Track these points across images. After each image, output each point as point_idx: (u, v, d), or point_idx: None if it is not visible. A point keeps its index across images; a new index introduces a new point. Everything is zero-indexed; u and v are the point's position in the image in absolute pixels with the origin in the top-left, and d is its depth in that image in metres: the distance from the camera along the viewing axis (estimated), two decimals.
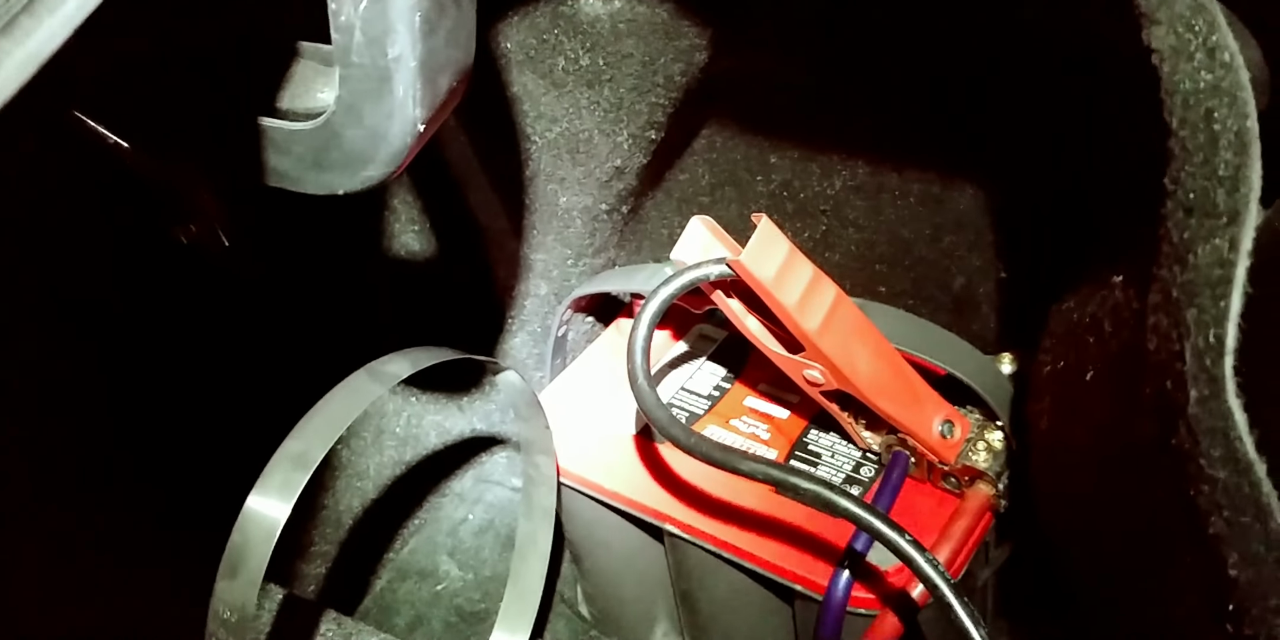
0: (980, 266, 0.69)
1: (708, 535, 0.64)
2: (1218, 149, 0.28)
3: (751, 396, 0.71)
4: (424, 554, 0.80)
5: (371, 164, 0.38)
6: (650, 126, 0.66)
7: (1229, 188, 0.28)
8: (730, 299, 0.57)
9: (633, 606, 0.77)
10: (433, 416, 0.83)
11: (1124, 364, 0.34)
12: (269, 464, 0.46)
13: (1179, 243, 0.29)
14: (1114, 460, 0.39)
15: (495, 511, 0.83)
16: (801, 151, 0.70)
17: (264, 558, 0.44)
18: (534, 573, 0.65)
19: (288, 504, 0.45)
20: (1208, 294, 0.27)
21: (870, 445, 0.65)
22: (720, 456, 0.52)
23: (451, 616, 0.76)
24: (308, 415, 0.48)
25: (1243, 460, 0.28)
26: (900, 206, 0.70)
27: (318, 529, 0.78)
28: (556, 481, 0.66)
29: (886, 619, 0.59)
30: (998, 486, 0.61)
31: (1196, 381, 0.28)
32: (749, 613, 0.69)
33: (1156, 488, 0.34)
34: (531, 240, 0.73)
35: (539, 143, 0.66)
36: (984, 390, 0.60)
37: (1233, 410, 0.27)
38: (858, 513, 0.49)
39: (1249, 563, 0.30)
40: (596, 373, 0.75)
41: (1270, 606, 0.30)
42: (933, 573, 0.47)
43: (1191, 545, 0.32)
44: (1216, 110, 0.28)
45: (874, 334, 0.59)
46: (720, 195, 0.76)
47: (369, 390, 0.49)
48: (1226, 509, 0.29)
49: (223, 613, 0.44)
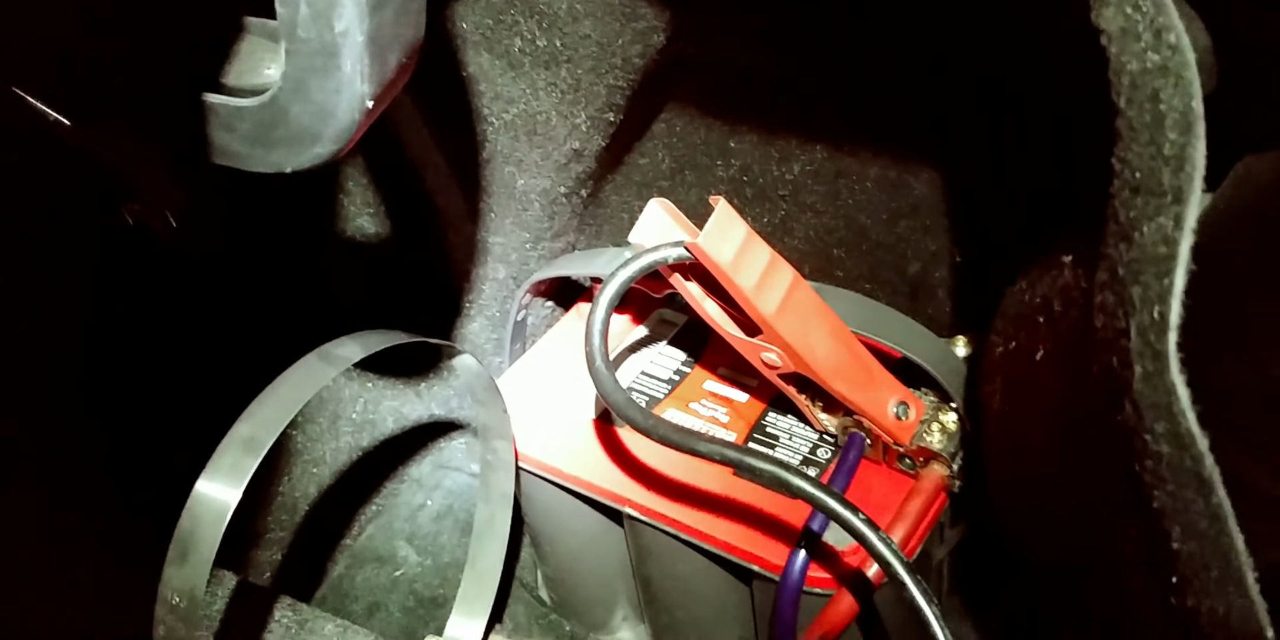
0: (935, 251, 0.69)
1: (667, 518, 0.64)
2: (1163, 128, 0.28)
3: (711, 380, 0.71)
4: (382, 540, 0.80)
5: (319, 141, 0.37)
6: (609, 108, 0.65)
7: (1174, 167, 0.28)
8: (689, 282, 0.57)
9: (592, 591, 0.77)
10: (390, 402, 0.83)
11: (1072, 343, 0.35)
12: (219, 448, 0.46)
13: (1125, 221, 0.29)
14: (1063, 438, 0.39)
15: (454, 497, 0.82)
16: (760, 136, 0.70)
17: (213, 543, 0.44)
18: (492, 557, 0.65)
19: (238, 488, 0.44)
20: (1152, 272, 0.28)
21: (827, 427, 0.66)
22: (678, 438, 0.53)
23: (409, 602, 0.76)
24: (258, 399, 0.47)
25: (1185, 435, 0.28)
26: (857, 191, 0.70)
27: (273, 516, 0.77)
28: (515, 466, 0.66)
29: (842, 599, 0.59)
30: (952, 467, 0.62)
31: (1141, 358, 0.28)
32: (708, 595, 0.69)
33: (1103, 464, 0.34)
34: (489, 223, 0.72)
35: (496, 124, 0.65)
36: (938, 373, 0.61)
37: (1176, 386, 0.28)
38: (813, 492, 0.49)
39: (1191, 536, 0.30)
40: (555, 357, 0.74)
41: (1212, 578, 0.31)
42: (886, 551, 0.48)
43: (1137, 520, 0.32)
44: (1162, 90, 0.29)
45: (831, 317, 0.60)
46: (680, 180, 0.76)
47: (321, 373, 0.48)
48: (1170, 483, 0.29)
49: (171, 598, 0.44)
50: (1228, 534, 0.30)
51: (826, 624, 0.60)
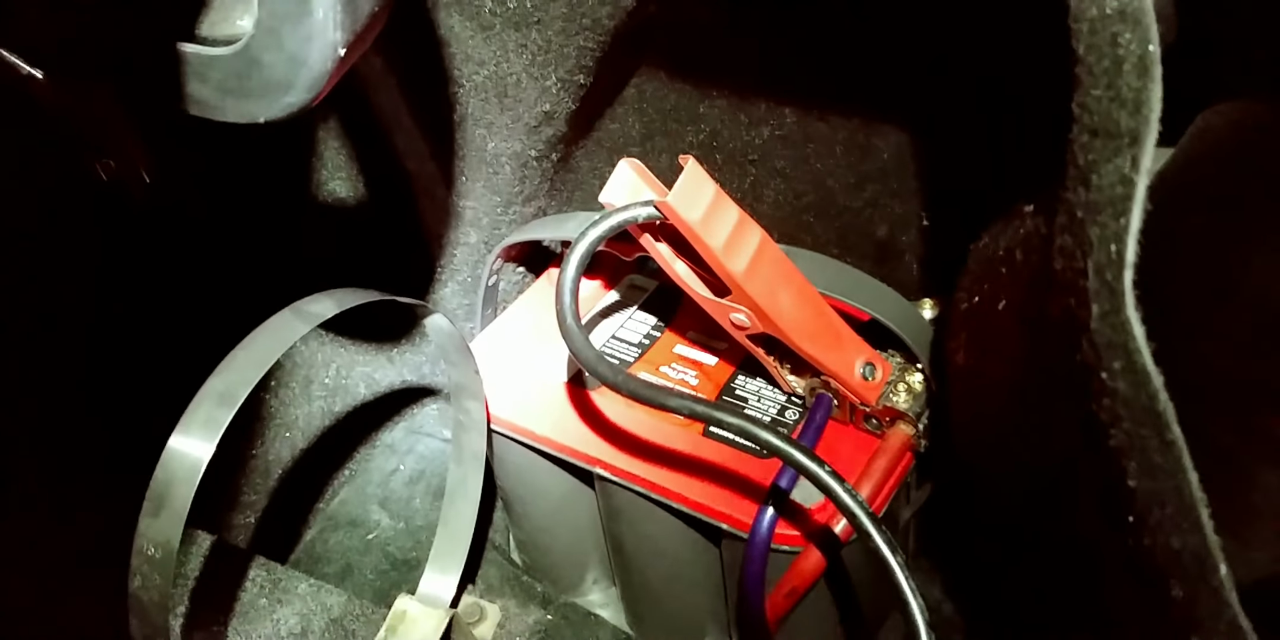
0: (902, 215, 0.70)
1: (637, 477, 0.64)
2: (1122, 72, 0.29)
3: (681, 344, 0.72)
4: (355, 504, 0.80)
5: (292, 90, 0.37)
6: (579, 71, 0.66)
7: (1131, 109, 0.29)
8: (659, 243, 0.58)
9: (564, 553, 0.78)
10: (362, 367, 0.83)
11: (1033, 289, 0.36)
12: (192, 402, 0.46)
13: (1084, 164, 0.30)
14: (1024, 384, 0.40)
15: (426, 462, 0.83)
16: (730, 101, 0.71)
17: (188, 495, 0.44)
18: (464, 517, 0.65)
19: (211, 442, 0.45)
20: (1110, 212, 0.29)
21: (795, 389, 0.67)
22: (647, 393, 0.53)
23: (383, 564, 0.76)
24: (231, 353, 0.48)
25: (1141, 372, 0.29)
26: (825, 156, 0.71)
27: (246, 479, 0.78)
28: (487, 426, 0.66)
29: (810, 555, 0.60)
30: (918, 426, 0.63)
31: (1098, 296, 0.29)
32: (678, 555, 0.70)
33: (1063, 407, 0.35)
34: (460, 187, 0.72)
35: (466, 87, 0.65)
36: (905, 333, 0.62)
37: (1132, 323, 0.29)
38: (778, 444, 0.50)
39: (1146, 473, 0.31)
40: (527, 321, 0.75)
41: (1166, 515, 0.32)
42: (850, 501, 0.49)
43: (1094, 459, 0.33)
44: (1121, 35, 0.29)
45: (798, 278, 0.60)
46: (650, 146, 0.76)
47: (293, 329, 0.48)
48: (1126, 420, 0.30)
49: (147, 549, 0.44)
50: (1182, 470, 0.30)
51: (795, 579, 0.61)
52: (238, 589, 0.65)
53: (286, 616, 0.65)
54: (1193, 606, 0.33)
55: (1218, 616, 0.33)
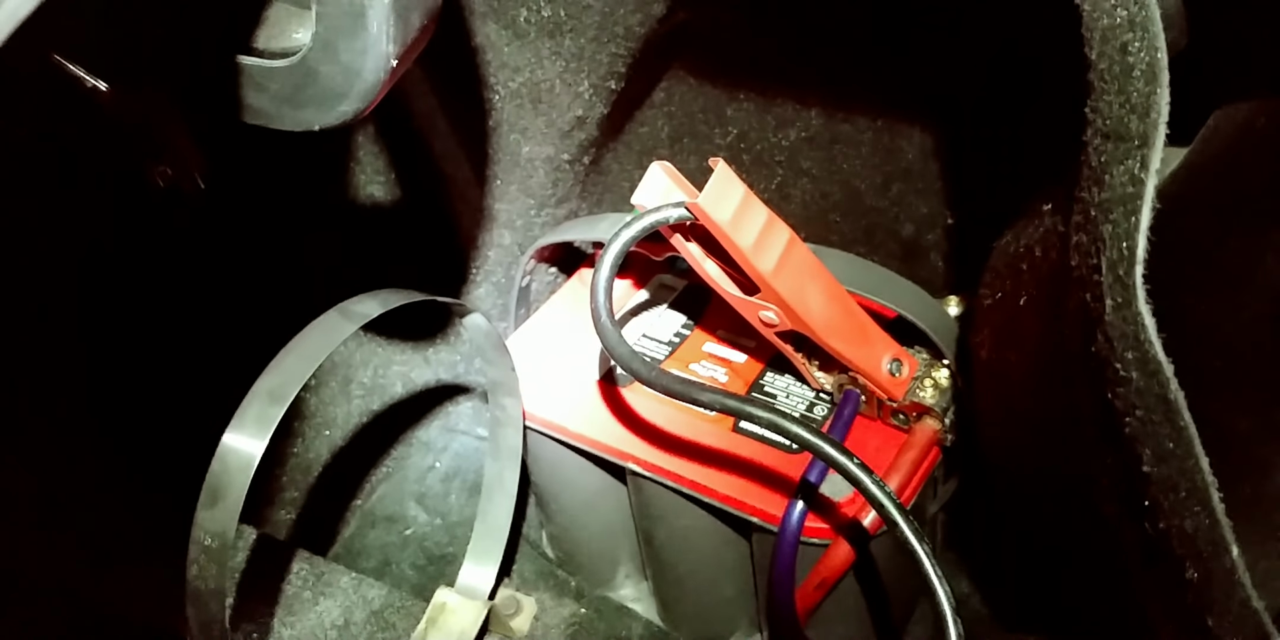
0: (928, 214, 0.71)
1: (668, 472, 0.66)
2: (1131, 79, 0.31)
3: (710, 342, 0.74)
4: (392, 500, 0.82)
5: (346, 99, 0.40)
6: (611, 77, 0.68)
7: (1140, 113, 0.30)
8: (689, 243, 0.59)
9: (596, 548, 0.79)
10: (399, 367, 0.85)
11: (1052, 284, 0.37)
12: (245, 400, 0.48)
13: (1097, 166, 0.31)
14: (1044, 377, 0.42)
15: (461, 460, 0.84)
16: (757, 104, 0.72)
17: (242, 488, 0.46)
18: (501, 511, 0.67)
19: (264, 437, 0.46)
20: (1121, 210, 0.30)
21: (823, 385, 0.68)
22: (679, 388, 0.55)
23: (420, 559, 0.78)
24: (281, 352, 0.49)
25: (1152, 362, 0.30)
26: (852, 156, 0.72)
27: (287, 476, 0.80)
28: (523, 423, 0.68)
29: (839, 547, 0.62)
30: (944, 421, 0.64)
31: (1111, 290, 0.30)
32: (708, 550, 0.71)
33: (1080, 399, 0.36)
34: (495, 191, 0.74)
35: (502, 93, 0.67)
36: (931, 330, 0.63)
37: (1143, 315, 0.30)
38: (806, 436, 0.52)
39: (1160, 458, 0.32)
40: (560, 321, 0.77)
41: (1179, 499, 0.33)
42: (878, 491, 0.50)
43: (1111, 449, 0.35)
44: (1131, 43, 0.31)
45: (826, 276, 0.62)
46: (679, 147, 0.78)
47: (340, 328, 0.50)
48: (1139, 408, 0.32)
49: (204, 540, 0.46)
50: (1194, 455, 0.32)
51: (824, 572, 0.62)
52: (282, 582, 0.67)
53: (329, 608, 0.67)
54: (1206, 588, 0.34)
55: (1230, 597, 0.34)
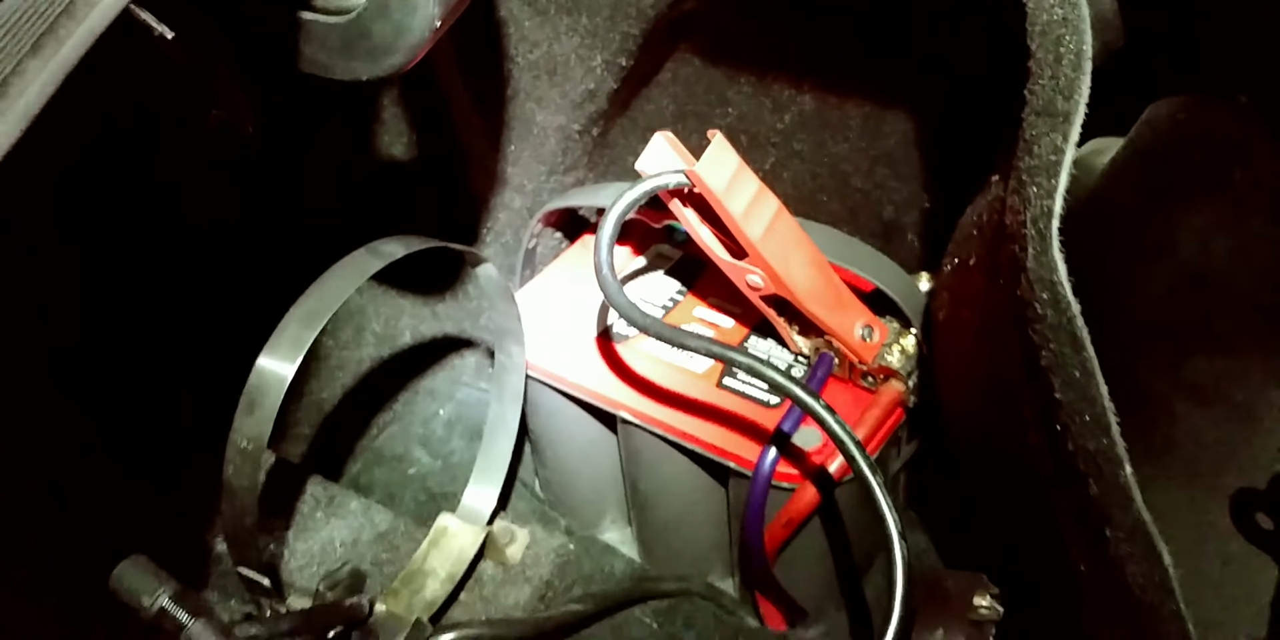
0: (907, 197, 0.77)
1: (657, 421, 0.72)
2: (1061, 66, 0.37)
3: (701, 307, 0.80)
4: (398, 441, 0.88)
5: (393, 54, 0.45)
6: (622, 53, 0.73)
7: (1066, 95, 0.36)
8: (686, 209, 0.65)
9: (585, 493, 0.85)
10: (409, 319, 0.91)
11: (993, 242, 0.43)
12: (281, 323, 0.54)
13: (1029, 138, 0.37)
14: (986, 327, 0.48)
15: (464, 408, 0.90)
16: (756, 88, 0.78)
17: (277, 398, 0.51)
18: (502, 448, 0.73)
19: (298, 353, 0.52)
20: (1044, 174, 0.36)
21: (801, 349, 0.74)
22: (670, 334, 0.61)
23: (421, 496, 0.84)
24: (314, 284, 0.55)
25: (1063, 300, 0.36)
26: (840, 141, 0.78)
27: (302, 412, 0.86)
28: (524, 368, 0.74)
29: (806, 491, 0.68)
30: (908, 384, 0.70)
31: (1033, 241, 0.37)
32: (689, 496, 0.77)
33: (1012, 340, 0.42)
34: (508, 156, 0.80)
35: (520, 64, 0.73)
36: (902, 301, 0.69)
37: (1057, 262, 0.36)
38: (779, 379, 0.58)
39: (1068, 385, 0.39)
40: (562, 281, 0.83)
41: (1084, 422, 0.39)
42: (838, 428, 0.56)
43: (1033, 381, 0.41)
44: (1064, 37, 0.37)
45: (809, 245, 0.68)
46: (682, 126, 0.84)
47: (368, 265, 0.56)
48: (1052, 342, 0.38)
49: (240, 443, 0.52)
50: (1095, 383, 0.38)
51: (791, 512, 0.68)
52: (297, 502, 0.73)
53: (339, 529, 0.73)
54: (1105, 502, 0.40)
55: (1124, 510, 0.40)
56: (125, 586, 0.40)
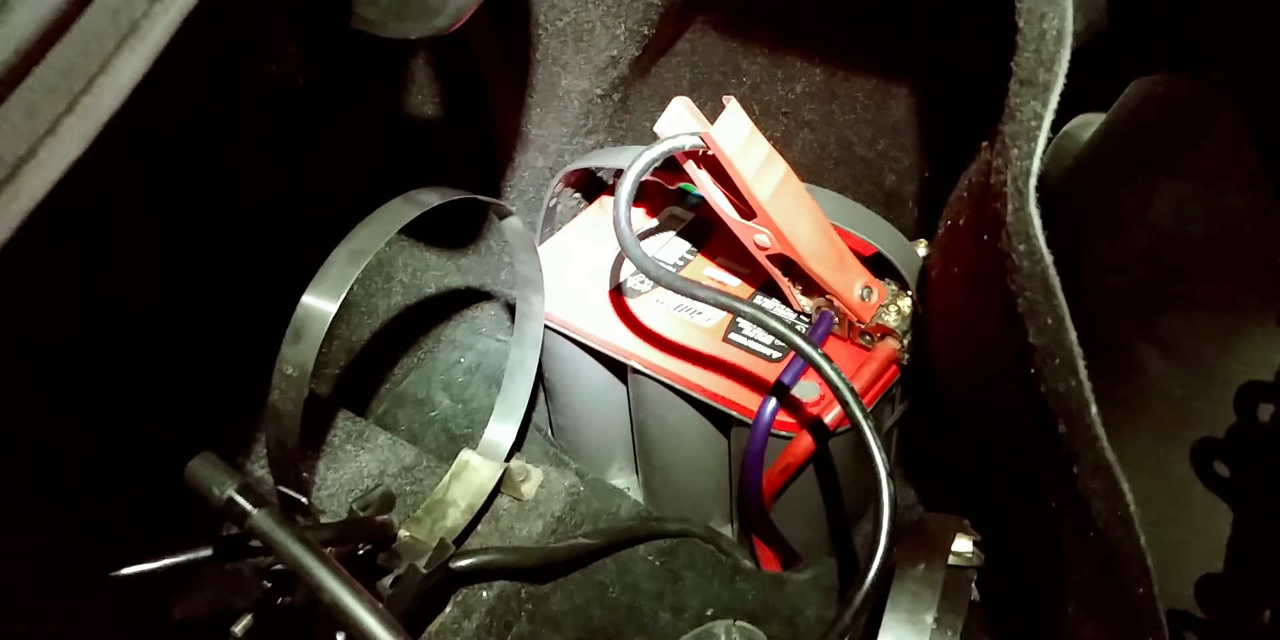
0: (908, 167, 0.82)
1: (665, 371, 0.77)
2: (1044, 41, 0.41)
3: (710, 267, 0.84)
4: (420, 386, 0.93)
5: (441, 15, 0.50)
6: (645, 23, 0.78)
7: (1047, 66, 0.41)
8: (700, 170, 0.69)
9: (596, 439, 0.90)
10: (434, 271, 0.96)
11: (980, 201, 0.48)
12: (324, 263, 0.58)
13: (1013, 105, 0.42)
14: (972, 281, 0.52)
15: (484, 357, 0.95)
16: (769, 59, 0.82)
17: (322, 328, 0.56)
18: (521, 390, 0.78)
19: (341, 290, 0.56)
20: (1024, 137, 0.40)
21: (804, 308, 0.78)
22: (681, 285, 0.65)
23: (442, 438, 0.89)
24: (356, 227, 0.59)
25: (1037, 250, 0.41)
26: (847, 111, 0.82)
27: (332, 354, 0.90)
28: (543, 315, 0.79)
29: (802, 439, 0.72)
30: (903, 342, 0.75)
31: (1012, 198, 0.41)
32: (693, 442, 0.82)
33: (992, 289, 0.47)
34: (533, 117, 0.84)
35: (549, 30, 0.77)
36: (900, 264, 0.73)
37: (1033, 216, 0.40)
38: (780, 328, 0.62)
39: (1041, 331, 0.43)
40: (581, 239, 0.87)
41: (1055, 365, 0.44)
42: (835, 376, 0.60)
43: (1011, 328, 0.45)
44: (1047, 14, 0.41)
45: (815, 208, 0.72)
46: (698, 94, 0.88)
47: (406, 211, 0.60)
48: (1028, 290, 0.42)
49: (286, 369, 0.56)
50: (1066, 329, 0.42)
51: (789, 458, 0.73)
52: (328, 434, 0.78)
53: (367, 461, 0.78)
54: (1073, 440, 0.45)
55: (1090, 448, 0.44)
56: (197, 479, 0.45)
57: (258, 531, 0.44)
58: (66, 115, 0.30)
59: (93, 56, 0.30)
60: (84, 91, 0.31)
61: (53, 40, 0.30)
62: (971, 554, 0.61)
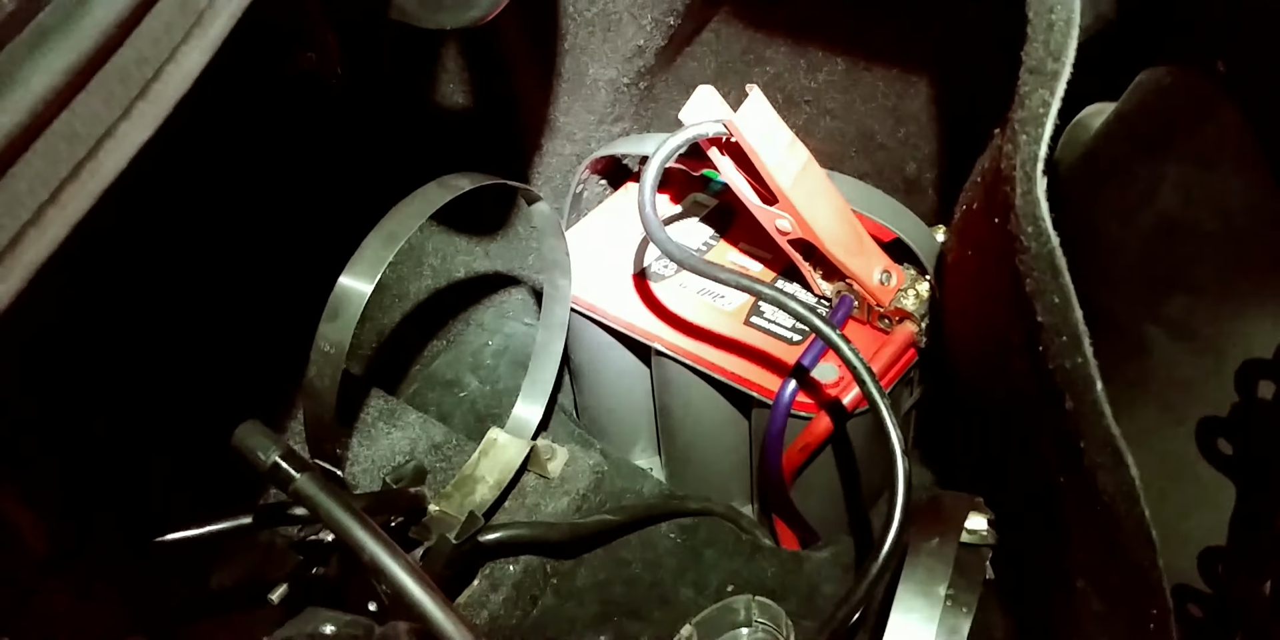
0: (929, 154, 0.83)
1: (688, 353, 0.79)
2: (1052, 32, 0.43)
3: (733, 252, 0.86)
4: (450, 368, 0.95)
5: (475, 7, 0.52)
6: (670, 13, 0.79)
7: (1055, 57, 0.42)
8: (723, 156, 0.71)
9: (620, 420, 0.93)
10: (464, 256, 0.98)
11: (992, 186, 0.49)
12: (363, 243, 0.60)
13: (1023, 94, 0.43)
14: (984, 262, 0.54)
15: (511, 341, 0.98)
16: (792, 48, 0.84)
17: (358, 307, 0.58)
18: (548, 371, 0.80)
19: (379, 268, 0.59)
20: (1032, 124, 0.42)
21: (824, 292, 0.80)
22: (704, 267, 0.67)
23: (471, 418, 0.92)
24: (391, 211, 0.62)
25: (1044, 233, 0.43)
26: (869, 100, 0.84)
27: (365, 335, 0.93)
28: (569, 299, 0.81)
29: (821, 420, 0.74)
30: (921, 325, 0.76)
31: (1021, 182, 0.43)
32: (715, 424, 0.84)
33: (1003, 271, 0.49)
34: (561, 105, 0.86)
35: (577, 20, 0.79)
36: (919, 249, 0.75)
37: (1040, 200, 0.42)
38: (800, 310, 0.64)
39: (1048, 310, 0.45)
40: (606, 225, 0.89)
41: (1062, 342, 0.45)
42: (853, 356, 0.62)
43: (1020, 307, 0.47)
44: (1055, 6, 0.43)
45: (835, 194, 0.74)
46: (722, 83, 0.89)
47: (439, 195, 0.63)
48: (1035, 270, 0.44)
49: (324, 347, 0.59)
50: (1072, 307, 0.44)
51: (808, 438, 0.75)
52: (361, 412, 0.80)
53: (399, 439, 0.80)
54: (1079, 416, 0.46)
55: (1096, 423, 0.46)
56: (245, 444, 0.48)
57: (302, 494, 0.46)
58: (139, 100, 0.33)
59: (163, 46, 0.33)
60: (154, 79, 0.33)
61: (129, 30, 0.32)
62: (986, 532, 0.62)
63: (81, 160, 0.31)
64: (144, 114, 0.32)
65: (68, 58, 0.31)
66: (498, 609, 0.74)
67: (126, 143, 0.32)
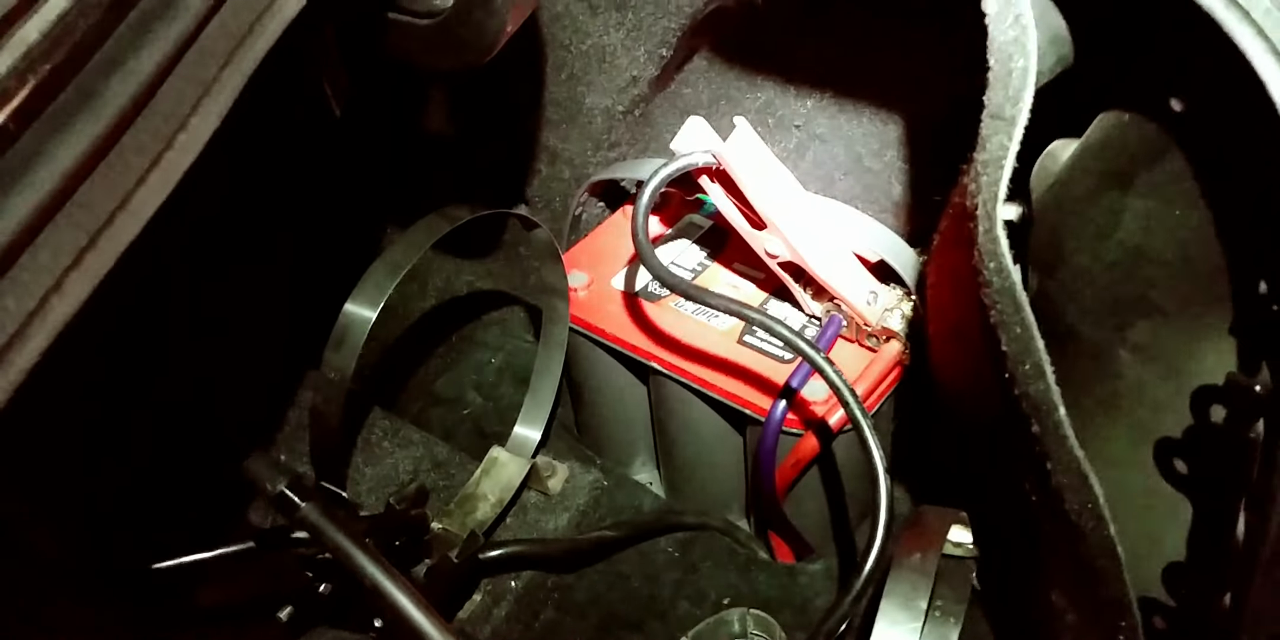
0: (913, 178, 0.86)
1: (684, 372, 0.81)
2: (1010, 79, 0.45)
3: (726, 272, 0.88)
4: (454, 385, 0.98)
5: (470, 52, 0.54)
6: (663, 45, 0.82)
7: (1012, 102, 0.45)
8: (713, 184, 0.74)
9: (619, 436, 0.95)
10: (467, 276, 1.01)
11: (959, 220, 0.52)
12: (366, 272, 0.63)
13: (984, 137, 0.46)
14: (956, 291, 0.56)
15: (513, 358, 1.00)
16: (782, 76, 0.86)
17: (362, 335, 0.61)
18: (547, 390, 0.83)
19: (379, 300, 0.62)
20: (993, 165, 0.45)
21: (814, 311, 0.83)
22: (695, 293, 0.70)
23: (473, 434, 0.94)
24: (397, 240, 0.65)
25: (1005, 269, 0.45)
26: (855, 125, 0.86)
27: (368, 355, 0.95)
28: (568, 320, 0.83)
29: (809, 438, 0.77)
30: (907, 344, 0.79)
31: (982, 219, 0.45)
32: (711, 440, 0.86)
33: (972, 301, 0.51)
34: (559, 132, 0.89)
35: (573, 52, 0.82)
36: (903, 270, 0.78)
37: (1000, 238, 0.45)
38: (785, 333, 0.67)
39: (1013, 339, 0.47)
40: (604, 245, 0.92)
41: (1025, 370, 0.48)
42: (835, 376, 0.65)
43: (987, 337, 0.50)
44: (1014, 55, 0.45)
45: (821, 219, 0.76)
46: (715, 108, 0.92)
47: (440, 226, 0.65)
48: (999, 303, 0.47)
49: (329, 373, 0.61)
50: (1033, 339, 0.46)
51: (799, 454, 0.77)
52: (366, 431, 0.83)
53: (403, 458, 0.83)
54: (1045, 438, 0.49)
55: (1060, 445, 0.48)
56: (254, 473, 0.50)
57: (306, 522, 0.49)
58: (192, 116, 0.36)
59: (208, 67, 0.36)
60: (205, 94, 0.36)
61: (185, 49, 0.35)
62: (970, 545, 0.64)
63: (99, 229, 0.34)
64: (158, 182, 0.35)
65: (88, 138, 0.34)
66: (500, 624, 0.76)
67: (189, 148, 0.35)
